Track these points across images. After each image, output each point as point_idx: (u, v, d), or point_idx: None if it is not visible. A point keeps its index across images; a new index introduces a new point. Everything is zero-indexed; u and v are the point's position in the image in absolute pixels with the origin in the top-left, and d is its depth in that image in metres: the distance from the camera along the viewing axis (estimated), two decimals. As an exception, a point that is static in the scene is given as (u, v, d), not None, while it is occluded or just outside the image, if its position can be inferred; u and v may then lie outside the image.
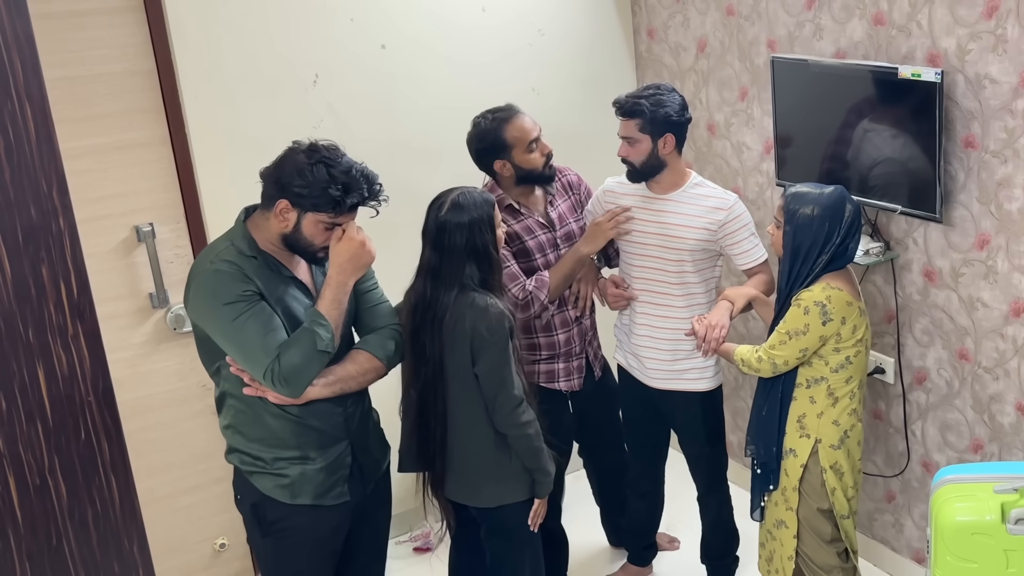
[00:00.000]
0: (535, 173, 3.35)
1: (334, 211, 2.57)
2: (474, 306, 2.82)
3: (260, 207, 2.67)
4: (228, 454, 2.79)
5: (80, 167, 3.26)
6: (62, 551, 2.20)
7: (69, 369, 2.15)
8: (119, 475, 2.26)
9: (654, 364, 3.44)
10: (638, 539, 3.88)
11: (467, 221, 2.85)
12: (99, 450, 2.23)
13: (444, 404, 2.90)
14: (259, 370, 2.56)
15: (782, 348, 2.95)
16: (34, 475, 2.14)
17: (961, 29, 3.00)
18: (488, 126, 3.31)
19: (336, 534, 2.80)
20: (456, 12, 3.95)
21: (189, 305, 2.64)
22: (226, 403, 2.73)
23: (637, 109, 3.18)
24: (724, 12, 3.88)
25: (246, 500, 2.78)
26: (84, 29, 3.33)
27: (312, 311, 2.63)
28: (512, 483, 2.97)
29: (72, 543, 2.21)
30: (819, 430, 2.98)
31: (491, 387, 2.85)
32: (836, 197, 2.91)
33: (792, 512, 3.06)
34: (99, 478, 2.23)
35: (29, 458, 2.13)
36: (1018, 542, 2.65)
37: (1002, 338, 3.12)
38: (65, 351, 2.14)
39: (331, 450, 2.73)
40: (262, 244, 2.64)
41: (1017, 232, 3.00)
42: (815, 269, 2.91)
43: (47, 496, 2.17)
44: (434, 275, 2.87)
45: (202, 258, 2.65)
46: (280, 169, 2.59)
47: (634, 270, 3.42)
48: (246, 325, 2.54)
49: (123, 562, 2.29)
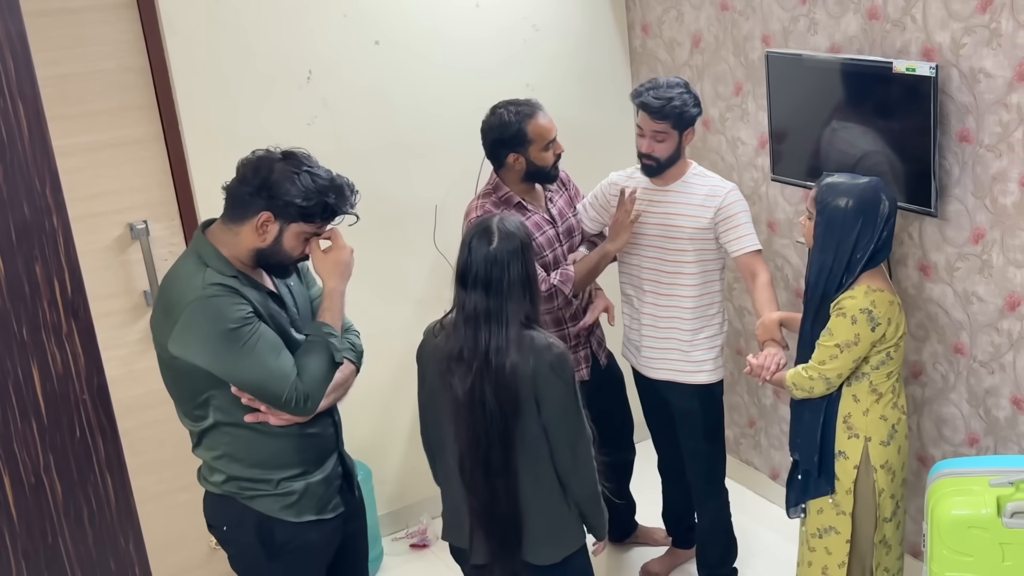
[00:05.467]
0: (544, 171, 3.37)
1: (323, 220, 2.49)
2: (534, 345, 2.53)
3: (225, 221, 2.50)
4: (222, 483, 2.61)
5: (73, 164, 3.25)
6: (58, 550, 2.19)
7: (63, 367, 2.14)
8: (114, 473, 2.26)
9: (654, 354, 3.46)
10: (679, 522, 3.89)
11: (519, 247, 2.55)
12: (94, 448, 2.22)
13: (515, 465, 2.57)
14: (280, 394, 2.44)
15: (834, 362, 2.82)
16: (29, 474, 2.14)
17: (955, 23, 3.00)
18: (511, 119, 3.30)
19: (332, 545, 2.75)
20: (450, 8, 3.94)
21: (175, 340, 2.43)
22: (218, 433, 2.57)
23: (672, 112, 3.21)
24: (718, 7, 3.88)
25: (246, 526, 2.62)
26: (77, 26, 3.32)
27: (320, 324, 2.55)
28: (574, 530, 2.71)
29: (68, 541, 2.21)
30: (867, 428, 2.89)
31: (565, 433, 2.57)
32: (871, 189, 2.81)
33: (846, 516, 2.94)
34: (94, 476, 2.22)
35: (24, 457, 2.12)
36: (1014, 535, 2.65)
37: (997, 332, 3.12)
38: (59, 349, 2.13)
39: (328, 462, 2.68)
40: (231, 261, 2.49)
41: (1012, 226, 3.00)
42: (854, 269, 2.80)
43: (42, 495, 2.16)
44: (485, 318, 2.53)
45: (180, 287, 2.45)
46: (261, 179, 2.43)
47: (636, 259, 3.43)
48: (256, 350, 2.41)
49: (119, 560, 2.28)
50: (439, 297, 4.13)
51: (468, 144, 3.93)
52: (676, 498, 3.84)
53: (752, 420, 4.26)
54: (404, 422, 4.20)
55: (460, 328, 2.58)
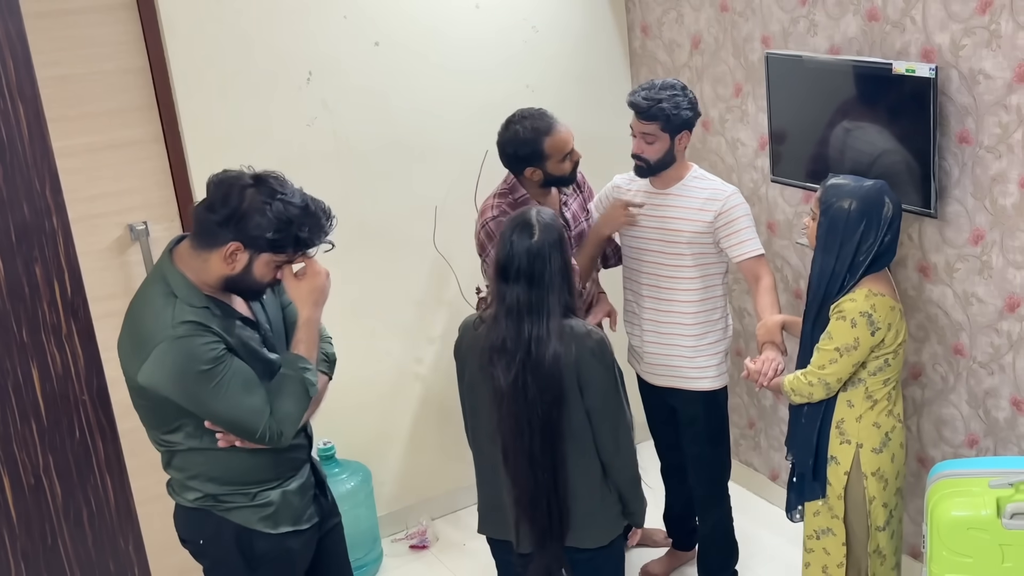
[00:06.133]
0: (562, 179, 3.36)
1: (295, 251, 2.40)
2: (574, 333, 2.58)
3: (193, 246, 2.39)
4: (199, 499, 2.55)
5: (73, 165, 3.25)
6: (57, 550, 2.19)
7: (63, 368, 2.15)
8: (114, 474, 2.26)
9: (657, 360, 3.44)
10: (681, 525, 3.88)
11: (558, 238, 2.60)
12: (94, 449, 2.23)
13: (560, 452, 2.61)
14: (253, 431, 2.40)
15: (834, 366, 2.81)
16: (28, 474, 2.14)
17: (955, 24, 3.00)
18: (527, 136, 3.25)
19: (310, 551, 2.72)
20: (450, 9, 3.94)
21: (144, 374, 2.34)
22: (190, 454, 2.50)
23: (660, 114, 3.19)
24: (718, 8, 3.88)
25: (224, 538, 2.57)
26: (77, 27, 3.32)
27: (295, 356, 2.47)
28: (616, 514, 2.76)
29: (67, 542, 2.21)
30: (859, 434, 2.88)
31: (608, 418, 2.62)
32: (875, 191, 2.80)
33: (839, 520, 2.95)
34: (94, 477, 2.23)
35: (23, 457, 2.12)
36: (1014, 536, 2.65)
37: (997, 333, 3.12)
38: (59, 350, 2.14)
39: (302, 470, 2.65)
40: (200, 287, 2.40)
41: (1011, 227, 3.00)
42: (856, 272, 2.80)
43: (42, 495, 2.16)
44: (528, 310, 2.56)
45: (150, 322, 2.36)
46: (231, 209, 2.32)
47: (636, 264, 3.43)
48: (228, 390, 2.35)
49: (118, 561, 2.29)
50: (439, 298, 4.13)
51: (468, 145, 3.94)
52: (678, 501, 3.83)
53: (752, 421, 4.26)
54: (404, 424, 4.19)
55: (501, 320, 2.59)
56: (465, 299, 4.02)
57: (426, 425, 4.22)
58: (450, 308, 4.13)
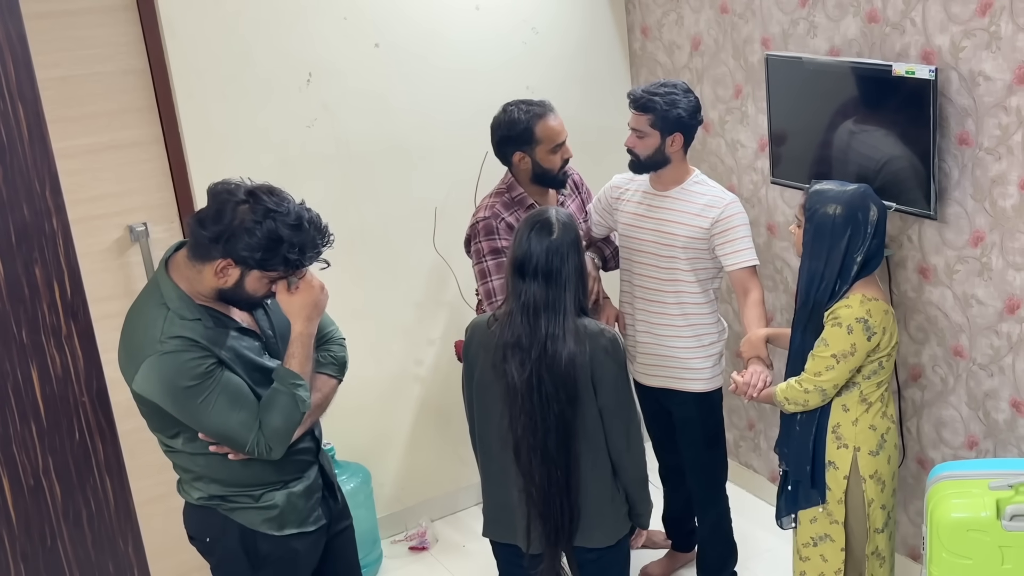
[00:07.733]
0: (550, 174, 3.34)
1: (285, 270, 2.39)
2: (588, 331, 2.59)
3: (191, 256, 2.39)
4: (205, 498, 2.58)
5: (73, 167, 3.25)
6: (57, 552, 2.19)
7: (63, 369, 2.15)
8: (113, 475, 2.26)
9: (651, 361, 3.44)
10: (679, 526, 3.89)
11: (575, 238, 2.61)
12: (93, 450, 2.23)
13: (574, 451, 2.61)
14: (242, 445, 2.41)
15: (830, 373, 2.79)
16: (28, 476, 2.14)
17: (955, 26, 3.00)
18: (520, 116, 3.28)
19: (317, 552, 2.72)
20: (450, 11, 3.94)
21: (138, 384, 2.37)
22: (193, 457, 2.52)
23: (650, 105, 3.18)
24: (718, 10, 3.88)
25: (229, 536, 2.58)
26: (77, 28, 3.32)
27: (286, 372, 2.44)
28: (623, 514, 2.76)
29: (67, 544, 2.21)
30: (856, 438, 2.88)
31: (620, 416, 2.63)
32: (859, 196, 2.79)
33: (839, 525, 2.92)
34: (93, 478, 2.23)
35: (23, 459, 2.12)
36: (1013, 538, 2.65)
37: (996, 335, 3.12)
38: (59, 351, 2.14)
39: (309, 472, 2.65)
40: (194, 297, 2.40)
41: (1011, 229, 3.00)
42: (848, 277, 2.79)
43: (41, 496, 2.16)
44: (544, 308, 2.57)
45: (141, 334, 2.38)
46: (222, 226, 2.31)
47: (631, 264, 3.42)
48: (216, 406, 2.36)
49: (118, 562, 2.28)
50: (438, 300, 4.13)
51: (468, 146, 3.94)
52: (676, 503, 3.83)
53: (751, 423, 4.26)
54: (403, 425, 4.19)
55: (516, 317, 2.59)
56: (465, 301, 4.02)
57: (426, 426, 4.22)
58: (450, 309, 4.13)
